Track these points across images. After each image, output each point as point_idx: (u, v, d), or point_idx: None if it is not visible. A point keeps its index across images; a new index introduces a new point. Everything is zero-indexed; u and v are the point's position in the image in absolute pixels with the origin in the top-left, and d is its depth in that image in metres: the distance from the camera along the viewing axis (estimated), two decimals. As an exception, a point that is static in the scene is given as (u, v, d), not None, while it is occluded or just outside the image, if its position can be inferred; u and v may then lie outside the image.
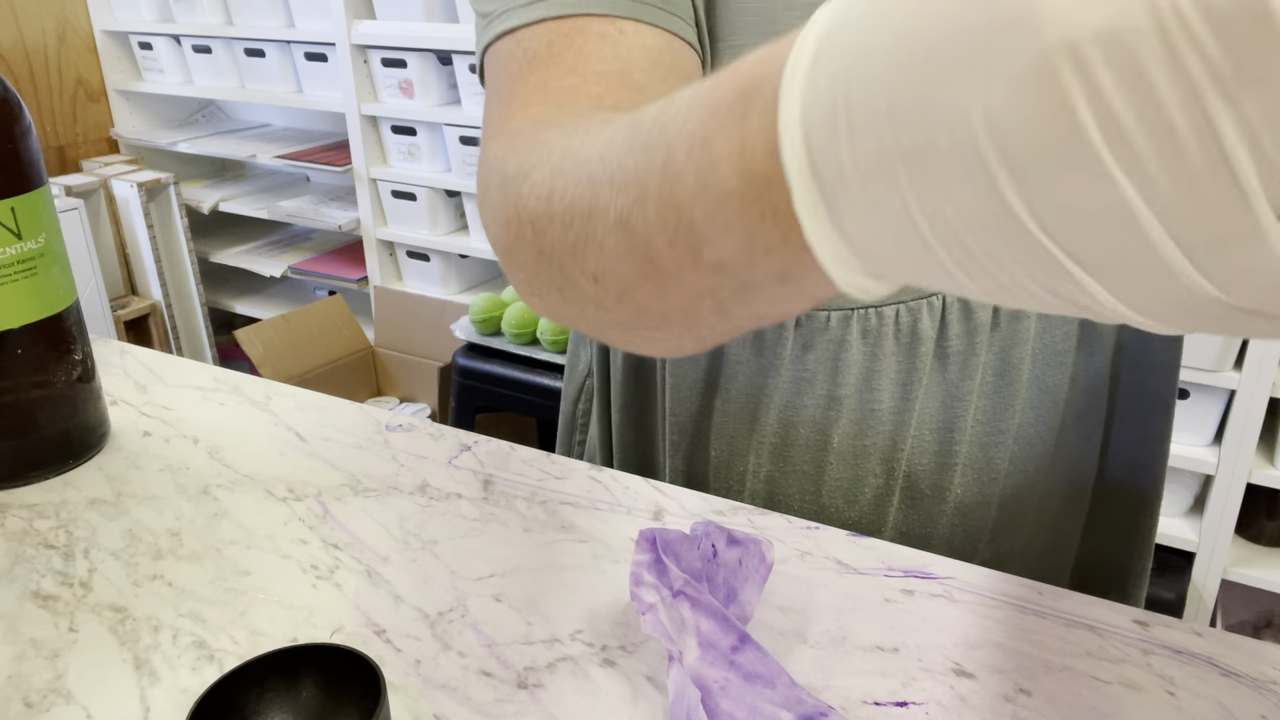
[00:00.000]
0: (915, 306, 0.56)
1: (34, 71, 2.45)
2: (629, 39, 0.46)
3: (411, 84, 2.12)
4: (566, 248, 0.34)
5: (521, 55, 0.46)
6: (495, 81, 0.47)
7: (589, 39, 0.45)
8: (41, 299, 0.58)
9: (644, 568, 0.42)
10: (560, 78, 0.44)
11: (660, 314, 0.32)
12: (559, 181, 0.34)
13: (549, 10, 0.46)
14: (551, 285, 0.36)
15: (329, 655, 0.38)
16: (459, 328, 1.89)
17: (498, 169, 0.40)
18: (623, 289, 0.32)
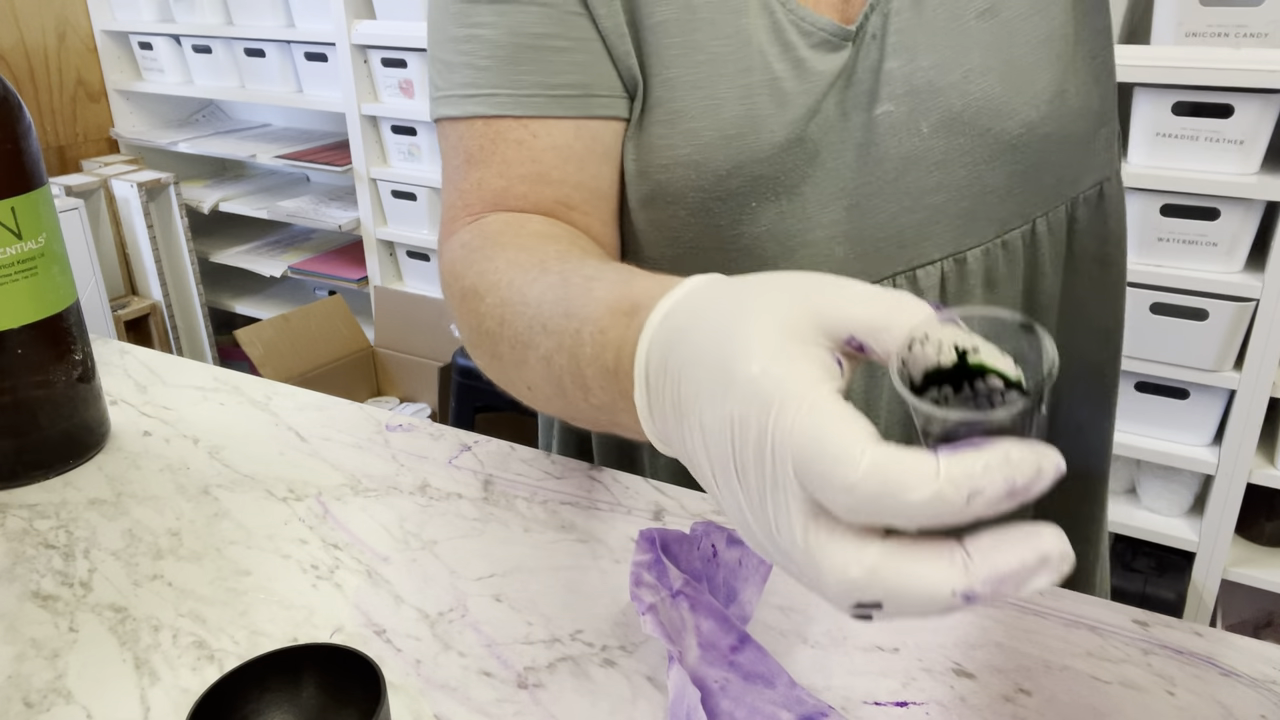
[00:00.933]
0: None
1: (34, 71, 2.45)
2: (540, 142, 0.55)
3: (411, 84, 2.12)
4: (511, 360, 0.46)
5: (463, 152, 0.56)
6: (445, 158, 0.58)
7: (508, 146, 0.55)
8: (42, 299, 0.58)
9: (644, 568, 0.42)
10: (492, 179, 0.55)
11: (570, 416, 0.45)
12: (508, 312, 0.46)
13: (477, 109, 0.55)
14: (500, 378, 0.50)
15: (329, 655, 0.38)
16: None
17: (460, 276, 0.52)
18: (545, 399, 0.46)
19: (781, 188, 0.55)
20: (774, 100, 0.53)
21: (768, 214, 0.56)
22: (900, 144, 0.55)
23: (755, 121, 0.53)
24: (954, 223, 0.57)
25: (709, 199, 0.55)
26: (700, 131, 0.54)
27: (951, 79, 0.54)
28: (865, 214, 0.56)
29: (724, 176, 0.54)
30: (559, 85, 0.54)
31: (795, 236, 0.56)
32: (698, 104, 0.54)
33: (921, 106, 0.54)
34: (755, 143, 0.53)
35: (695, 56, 0.53)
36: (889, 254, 0.57)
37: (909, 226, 0.57)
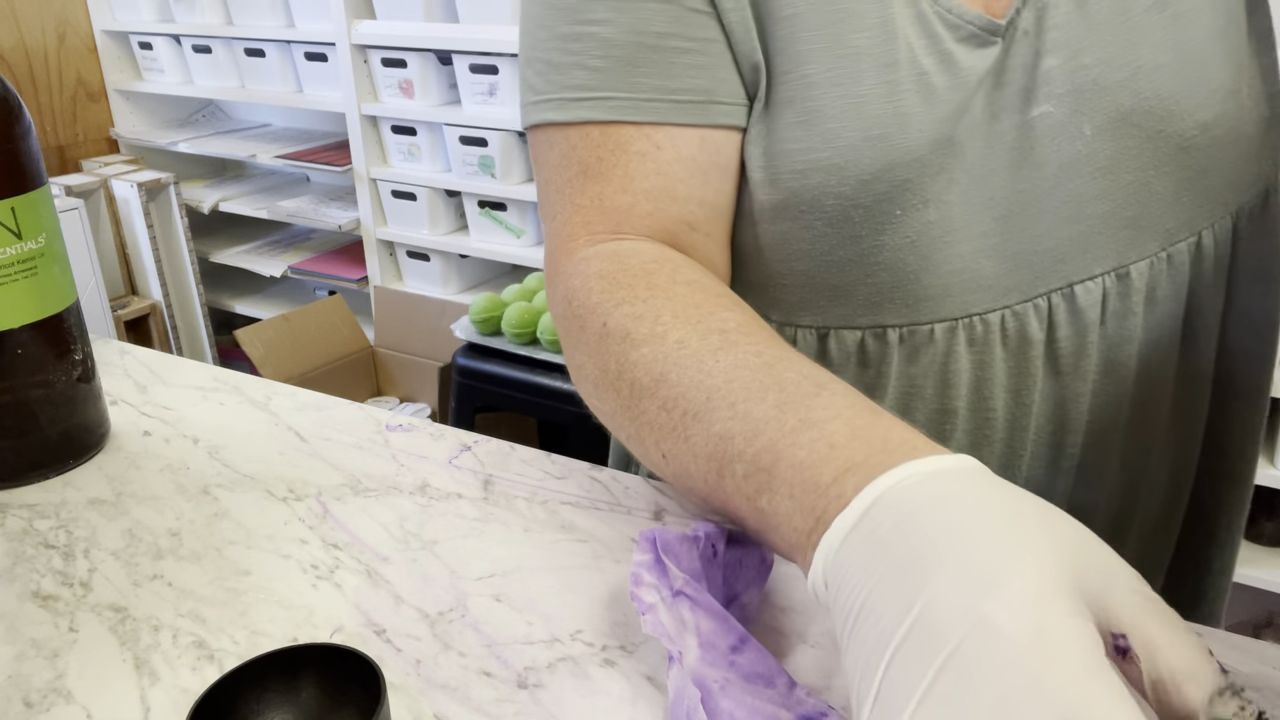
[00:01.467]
0: (1021, 310, 0.53)
1: (34, 71, 2.45)
2: (665, 154, 0.51)
3: (411, 84, 2.12)
4: (657, 423, 0.43)
5: (576, 162, 0.52)
6: (551, 168, 0.53)
7: (631, 159, 0.51)
8: (41, 299, 0.58)
9: (644, 568, 0.42)
10: (614, 195, 0.51)
11: (697, 490, 0.42)
12: (675, 374, 0.42)
13: (590, 114, 0.51)
14: (623, 428, 0.46)
15: (329, 655, 0.38)
16: (459, 327, 1.89)
17: (595, 310, 0.47)
18: (682, 475, 0.43)
19: (929, 194, 0.51)
20: (922, 97, 0.49)
21: (912, 224, 0.51)
22: (1060, 148, 0.51)
23: (902, 120, 0.49)
24: (1118, 234, 0.53)
25: (849, 206, 0.51)
26: (841, 132, 0.49)
27: (1119, 76, 0.50)
28: (1018, 225, 0.52)
29: (867, 181, 0.50)
30: (681, 90, 0.50)
31: (940, 249, 0.52)
32: (838, 102, 0.49)
33: (1085, 107, 0.50)
34: (903, 143, 0.49)
35: (835, 51, 0.49)
36: (1044, 269, 0.53)
37: (1068, 239, 0.52)
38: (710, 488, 0.41)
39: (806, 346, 0.56)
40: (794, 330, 0.56)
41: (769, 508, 0.37)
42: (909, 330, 0.54)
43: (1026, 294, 0.53)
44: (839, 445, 0.35)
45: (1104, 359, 0.55)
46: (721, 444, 0.39)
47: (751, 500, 0.38)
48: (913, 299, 0.53)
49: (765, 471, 0.37)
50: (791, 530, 0.35)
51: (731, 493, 0.39)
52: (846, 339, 0.55)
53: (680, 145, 0.51)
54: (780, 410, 0.37)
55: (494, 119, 2.02)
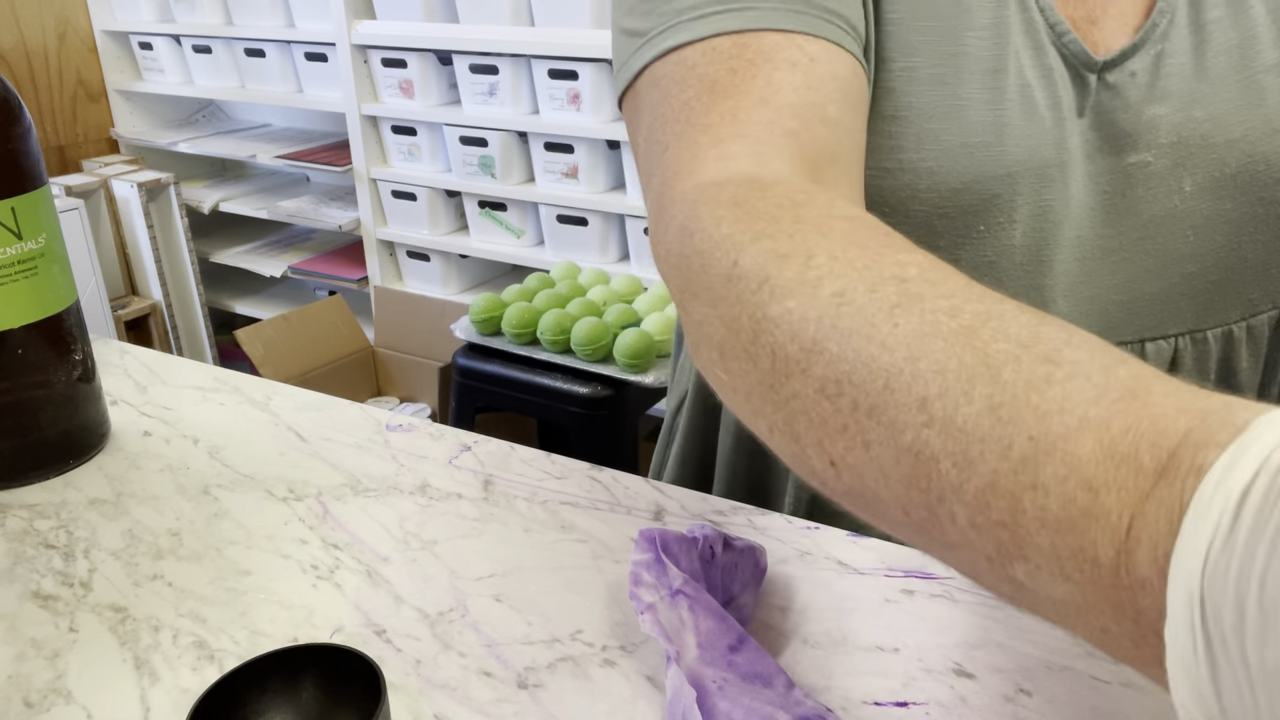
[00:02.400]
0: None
1: (34, 71, 2.45)
2: (820, 67, 0.42)
3: (412, 84, 2.12)
4: (814, 415, 0.30)
5: (697, 81, 0.42)
6: (661, 109, 0.43)
7: (779, 68, 0.41)
8: (42, 299, 0.58)
9: (643, 567, 0.42)
10: (750, 109, 0.40)
11: (895, 524, 0.28)
12: (832, 342, 0.29)
13: (726, 24, 0.42)
14: (763, 415, 0.33)
15: (329, 655, 0.38)
16: (459, 328, 1.89)
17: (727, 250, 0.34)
18: (866, 496, 0.29)
19: (1016, 215, 0.48)
20: (1024, 110, 0.47)
21: (994, 243, 0.49)
22: (1154, 200, 0.49)
23: (1001, 131, 0.47)
24: (1200, 296, 0.51)
25: (934, 214, 0.48)
26: (939, 134, 0.46)
27: (1230, 135, 0.48)
28: (1099, 271, 0.50)
29: (957, 190, 0.47)
30: (833, 11, 0.43)
31: (1017, 278, 0.49)
32: (940, 103, 0.46)
33: (1188, 162, 0.48)
34: (999, 155, 0.47)
35: (945, 47, 0.46)
36: (1116, 319, 0.51)
37: (1147, 294, 0.50)
38: (917, 525, 0.28)
39: None
40: None
41: (1032, 583, 0.24)
42: None
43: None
44: (1099, 486, 0.23)
45: None
46: (920, 466, 0.26)
47: (996, 563, 0.25)
48: None
49: (1003, 528, 0.24)
50: (1095, 629, 0.23)
51: (957, 542, 0.26)
52: None
53: (836, 64, 0.42)
54: (997, 419, 0.25)
55: (494, 119, 2.02)
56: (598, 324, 1.73)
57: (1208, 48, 0.47)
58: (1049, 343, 0.26)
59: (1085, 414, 0.24)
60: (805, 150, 0.40)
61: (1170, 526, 0.21)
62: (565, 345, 1.76)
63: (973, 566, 0.26)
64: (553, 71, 1.90)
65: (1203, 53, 0.47)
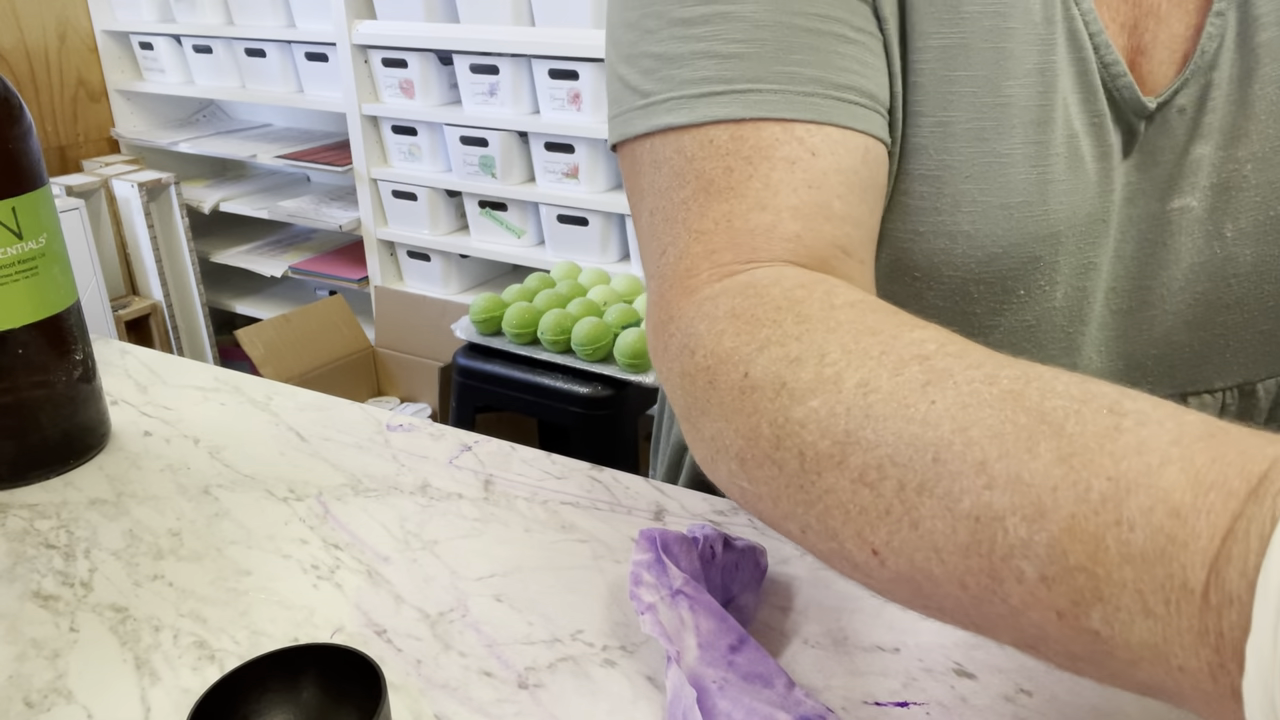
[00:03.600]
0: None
1: (35, 71, 2.45)
2: (821, 161, 0.39)
3: (412, 84, 2.12)
4: (856, 507, 0.29)
5: (694, 179, 0.40)
6: (661, 201, 0.41)
7: (775, 166, 0.39)
8: (42, 299, 0.58)
9: (644, 567, 0.42)
10: (748, 213, 0.38)
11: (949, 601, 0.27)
12: (868, 429, 0.29)
13: (724, 111, 0.39)
14: (794, 517, 0.32)
15: (330, 655, 0.38)
16: (459, 327, 1.89)
17: (733, 365, 0.34)
18: (917, 579, 0.27)
19: (1059, 276, 0.44)
20: (1070, 165, 0.43)
21: (1036, 307, 0.45)
22: (1195, 247, 0.45)
23: (1045, 189, 0.43)
24: (1247, 348, 0.47)
25: (970, 280, 0.44)
26: (976, 195, 0.42)
27: (1274, 176, 0.44)
28: (1138, 323, 0.47)
29: (996, 255, 0.43)
30: (846, 88, 0.40)
31: (1058, 339, 0.46)
32: (979, 160, 0.42)
33: (1230, 205, 0.45)
34: (1043, 215, 0.43)
35: (985, 98, 0.42)
36: (1156, 374, 0.48)
37: (1188, 345, 0.47)
38: (975, 596, 0.26)
39: None
40: None
41: (1108, 629, 0.24)
42: None
43: (1203, 385, 0.49)
44: (1188, 512, 0.22)
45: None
46: (982, 529, 0.25)
47: (1069, 617, 0.24)
48: None
49: (1081, 572, 0.24)
50: (1172, 668, 0.23)
51: (1022, 604, 0.25)
52: None
53: (840, 154, 0.40)
54: (1069, 467, 0.24)
55: (494, 119, 2.02)
56: (598, 324, 1.73)
57: (1255, 76, 0.43)
58: (1105, 396, 0.26)
59: (1167, 452, 0.23)
60: (812, 250, 0.39)
61: (1261, 541, 0.21)
62: (566, 345, 1.76)
63: (1039, 629, 0.25)
64: (553, 71, 1.90)
65: (1249, 82, 0.43)
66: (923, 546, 0.27)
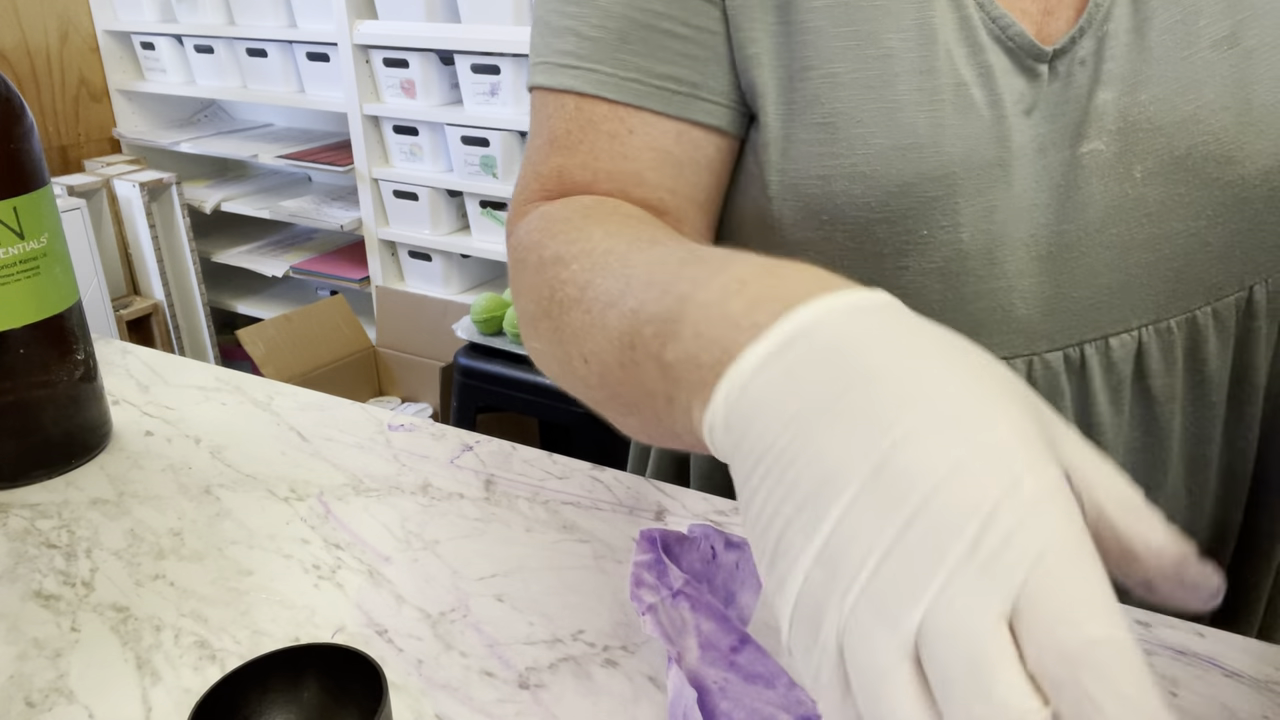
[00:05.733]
0: (1052, 359, 0.51)
1: (36, 71, 2.45)
2: (637, 139, 0.49)
3: (413, 84, 2.12)
4: (579, 330, 0.39)
5: (547, 131, 0.50)
6: (532, 130, 0.52)
7: (599, 138, 0.49)
8: (44, 299, 0.58)
9: (644, 568, 0.42)
10: (575, 170, 0.49)
11: (626, 402, 0.37)
12: (598, 277, 0.39)
13: (571, 83, 0.49)
14: (553, 358, 0.43)
15: (331, 655, 0.38)
16: (461, 327, 1.89)
17: (539, 246, 0.45)
18: (604, 376, 0.38)
19: (961, 218, 0.48)
20: (959, 109, 0.46)
21: (940, 248, 0.48)
22: (1107, 189, 0.48)
23: (937, 131, 0.46)
24: (1161, 285, 0.50)
25: (874, 220, 0.48)
26: (868, 138, 0.46)
27: (1177, 117, 0.46)
28: (1056, 267, 0.49)
29: (894, 194, 0.47)
30: (665, 77, 0.48)
31: (969, 282, 0.49)
32: (867, 106, 0.46)
33: (1137, 147, 0.47)
34: (935, 156, 0.46)
35: (866, 50, 0.46)
36: (1079, 317, 0.50)
37: (1108, 287, 0.49)
38: (626, 371, 0.35)
39: None
40: None
41: (673, 357, 0.31)
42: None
43: (1057, 342, 0.50)
44: (751, 280, 0.30)
45: (1140, 417, 0.52)
46: (634, 316, 0.35)
47: (659, 359, 0.32)
48: None
49: (673, 321, 0.32)
50: (694, 370, 0.30)
51: (643, 362, 0.34)
52: None
53: (654, 134, 0.49)
54: (696, 268, 0.33)
55: (496, 119, 2.02)
56: (599, 324, 1.73)
57: (1150, 25, 0.46)
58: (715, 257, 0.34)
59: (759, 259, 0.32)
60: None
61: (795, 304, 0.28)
62: (567, 345, 1.75)
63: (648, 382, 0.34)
64: (554, 71, 1.89)
65: (1145, 31, 0.46)
66: (604, 344, 0.37)
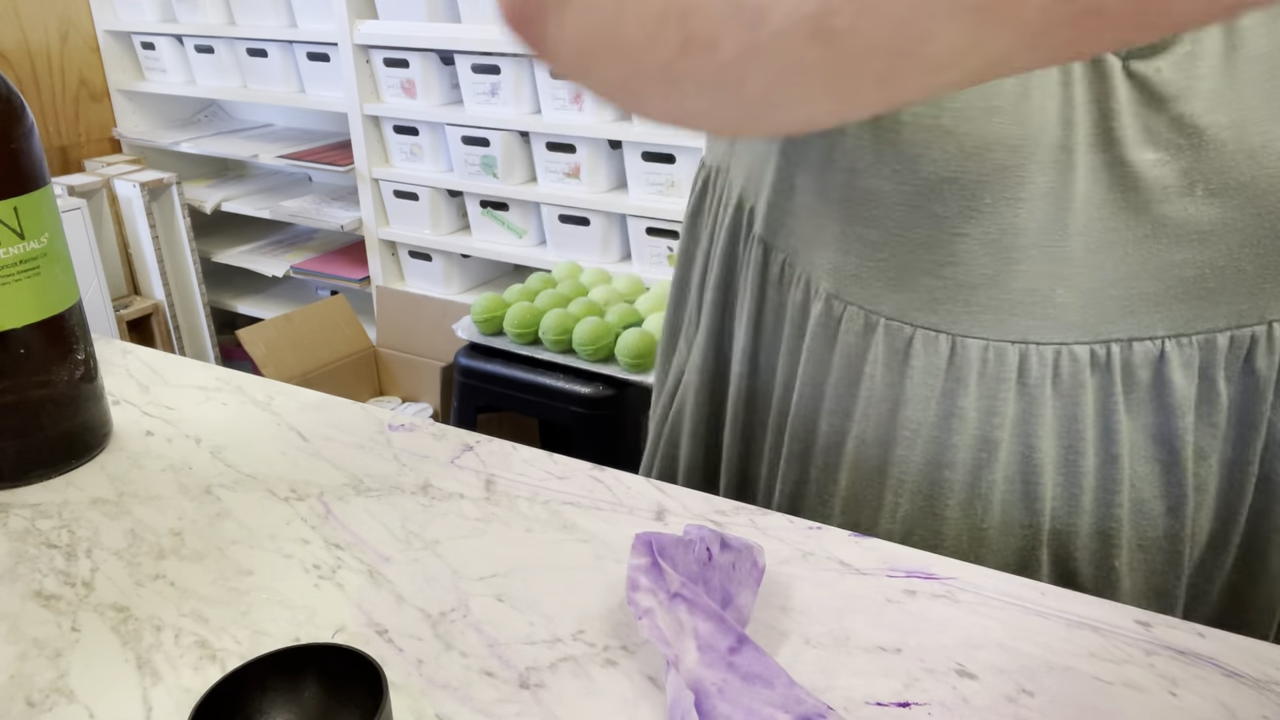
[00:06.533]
0: (1080, 351, 0.51)
1: (37, 71, 2.45)
2: None
3: (413, 84, 2.13)
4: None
5: None
6: None
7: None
8: (44, 299, 0.58)
9: (640, 571, 0.42)
10: None
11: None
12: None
13: None
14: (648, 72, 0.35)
15: (331, 655, 0.39)
16: (461, 327, 1.89)
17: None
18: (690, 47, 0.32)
19: (1024, 192, 0.48)
20: (1043, 81, 0.46)
21: (1000, 220, 0.49)
22: (1163, 201, 0.48)
23: (1023, 98, 0.46)
24: (1192, 301, 0.50)
25: (942, 179, 0.48)
26: (961, 93, 0.46)
27: (1248, 145, 0.47)
28: (1100, 263, 0.49)
29: (970, 154, 0.47)
30: None
31: (1020, 260, 0.49)
32: None
33: (1202, 166, 0.47)
34: (1015, 123, 0.47)
35: None
36: (1112, 315, 0.50)
37: (1143, 293, 0.50)
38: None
39: (851, 328, 0.54)
40: (844, 305, 0.54)
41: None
42: (963, 343, 0.52)
43: (1090, 335, 0.51)
44: None
45: (1148, 427, 0.53)
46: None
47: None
48: (977, 307, 0.51)
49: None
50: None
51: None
52: (895, 334, 0.53)
53: None
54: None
55: (496, 119, 2.02)
56: (599, 324, 1.73)
57: (1239, 53, 0.46)
58: None
59: None
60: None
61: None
62: (567, 345, 1.76)
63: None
64: (555, 71, 1.90)
65: (1233, 57, 0.46)
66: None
